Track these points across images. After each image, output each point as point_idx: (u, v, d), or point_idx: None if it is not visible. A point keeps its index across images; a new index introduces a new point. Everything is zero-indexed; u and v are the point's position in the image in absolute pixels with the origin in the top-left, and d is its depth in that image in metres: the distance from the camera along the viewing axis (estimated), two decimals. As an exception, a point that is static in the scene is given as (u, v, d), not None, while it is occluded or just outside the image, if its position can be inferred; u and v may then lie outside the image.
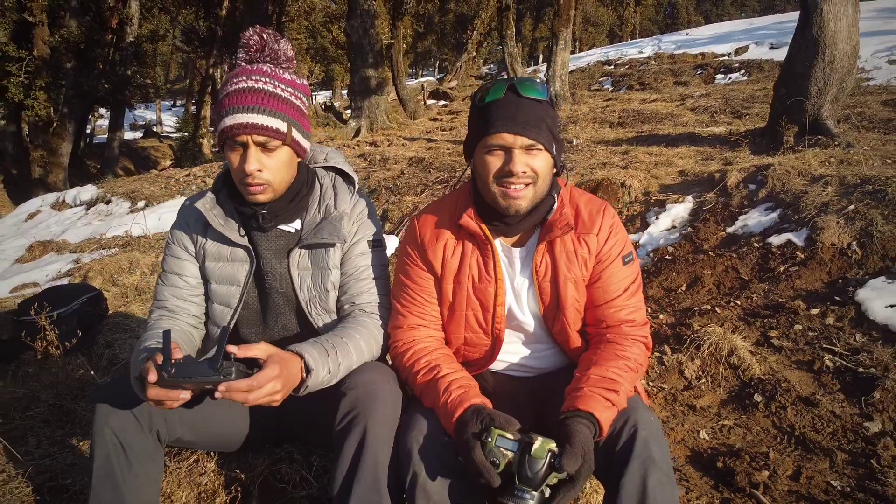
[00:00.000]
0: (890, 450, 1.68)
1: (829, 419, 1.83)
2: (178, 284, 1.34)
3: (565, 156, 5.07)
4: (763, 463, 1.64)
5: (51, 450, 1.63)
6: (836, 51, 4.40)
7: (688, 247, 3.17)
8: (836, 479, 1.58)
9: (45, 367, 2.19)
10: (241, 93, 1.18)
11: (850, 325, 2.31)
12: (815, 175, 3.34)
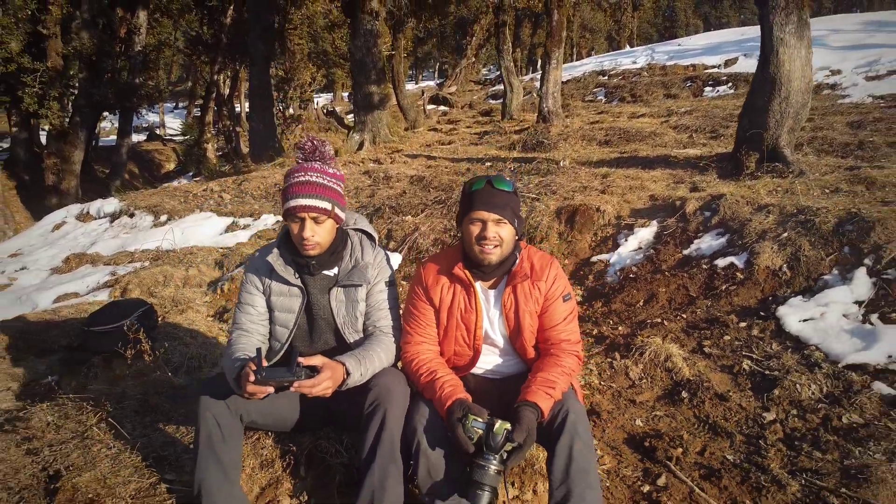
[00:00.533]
0: (777, 433, 2.23)
1: (736, 410, 2.37)
2: (251, 312, 1.88)
3: (552, 176, 5.61)
4: (679, 443, 2.18)
5: (144, 431, 2.17)
6: (791, 88, 4.95)
7: (649, 267, 3.71)
8: (731, 454, 2.12)
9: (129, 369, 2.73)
10: (301, 184, 1.73)
11: (770, 335, 2.86)
12: (761, 204, 3.88)
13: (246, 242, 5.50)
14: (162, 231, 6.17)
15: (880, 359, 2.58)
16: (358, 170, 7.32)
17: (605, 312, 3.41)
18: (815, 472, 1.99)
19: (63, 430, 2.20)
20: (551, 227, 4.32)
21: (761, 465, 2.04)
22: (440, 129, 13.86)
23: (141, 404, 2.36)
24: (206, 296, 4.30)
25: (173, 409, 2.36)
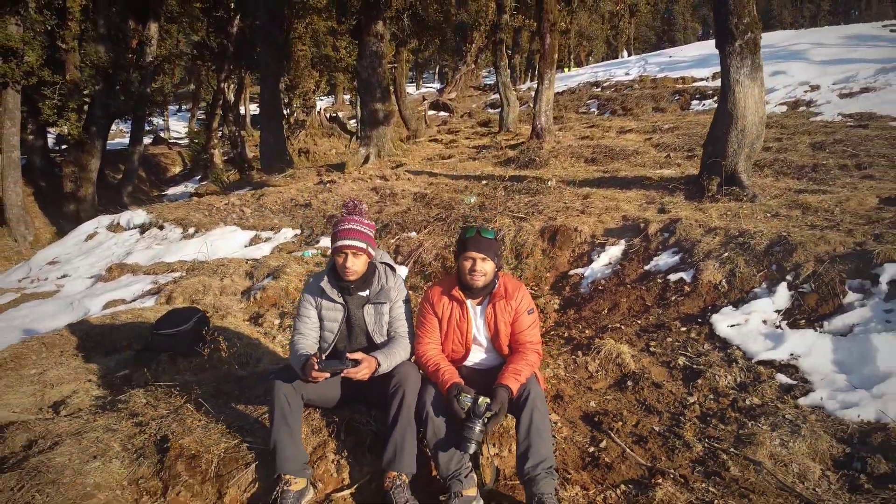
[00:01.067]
0: (695, 412, 2.96)
1: (667, 395, 3.10)
2: (307, 322, 2.61)
3: (540, 196, 6.33)
4: (620, 418, 2.92)
5: (221, 409, 2.89)
6: (747, 121, 5.68)
7: (615, 280, 4.45)
8: (657, 426, 2.85)
9: (190, 364, 3.46)
10: (347, 230, 2.46)
11: (703, 338, 3.59)
12: (711, 227, 4.61)
13: (269, 255, 6.23)
14: (192, 243, 6.91)
15: (784, 356, 3.32)
16: (366, 186, 8.06)
17: (576, 318, 4.15)
18: (717, 439, 2.72)
19: (159, 409, 2.93)
20: (536, 245, 5.06)
21: (678, 433, 2.78)
22: (440, 139, 14.59)
23: (214, 390, 3.09)
24: (241, 303, 5.03)
25: (241, 393, 3.09)
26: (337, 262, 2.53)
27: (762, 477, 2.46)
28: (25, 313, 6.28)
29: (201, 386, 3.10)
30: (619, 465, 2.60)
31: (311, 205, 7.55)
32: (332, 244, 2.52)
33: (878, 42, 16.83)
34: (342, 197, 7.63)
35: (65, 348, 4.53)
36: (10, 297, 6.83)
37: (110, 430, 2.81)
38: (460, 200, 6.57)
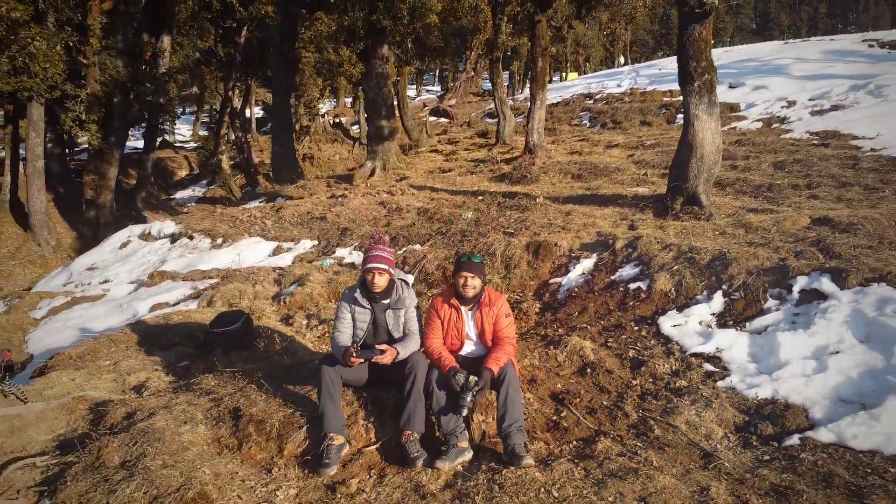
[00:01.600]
0: (636, 391, 3.86)
1: (617, 379, 4.01)
2: (344, 322, 3.51)
3: (528, 212, 7.23)
4: (578, 396, 3.82)
5: (276, 389, 3.80)
6: (705, 150, 6.59)
7: (586, 288, 5.36)
8: (606, 402, 3.76)
9: (251, 355, 4.37)
10: (375, 256, 3.37)
11: (651, 335, 4.50)
12: (667, 243, 5.52)
13: (292, 264, 7.15)
14: (222, 252, 7.82)
15: (711, 349, 4.23)
16: (374, 200, 8.98)
17: (552, 320, 5.06)
18: (649, 410, 3.63)
19: (227, 388, 3.85)
20: (522, 258, 5.97)
21: (621, 406, 3.69)
22: (441, 150, 15.50)
23: (267, 374, 3.99)
24: (273, 306, 5.95)
25: (288, 377, 4.00)
26: (366, 279, 3.44)
27: (677, 436, 3.37)
28: (79, 314, 7.19)
29: (275, 367, 4.02)
30: (574, 428, 3.51)
31: (325, 218, 8.48)
32: (363, 266, 3.44)
33: (855, 58, 17.75)
34: (353, 211, 8.56)
35: (129, 344, 5.44)
36: (61, 301, 7.74)
37: (192, 404, 3.73)
38: (459, 216, 7.48)
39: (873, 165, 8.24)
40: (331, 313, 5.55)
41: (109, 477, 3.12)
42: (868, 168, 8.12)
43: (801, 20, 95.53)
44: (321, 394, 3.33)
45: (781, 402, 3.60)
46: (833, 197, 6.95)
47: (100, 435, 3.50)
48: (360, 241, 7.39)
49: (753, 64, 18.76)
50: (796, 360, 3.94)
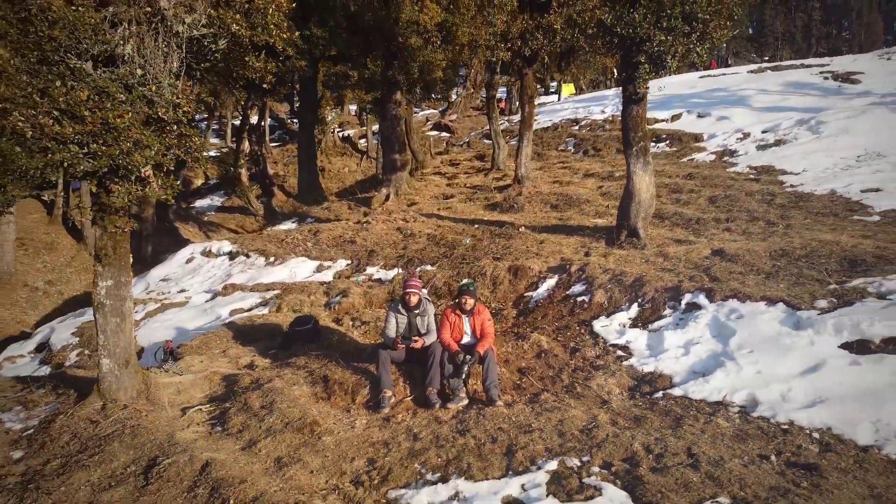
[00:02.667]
0: (570, 367, 6.16)
1: (560, 360, 6.31)
2: (391, 324, 5.81)
3: (512, 240, 9.62)
4: (534, 370, 6.12)
5: (348, 364, 6.08)
6: (641, 197, 8.88)
7: (548, 300, 7.65)
8: (551, 373, 6.06)
9: (320, 346, 6.68)
10: (411, 284, 5.70)
11: (586, 332, 6.79)
12: (606, 268, 7.81)
13: (333, 280, 9.44)
14: (276, 269, 10.11)
15: (623, 342, 6.52)
16: (392, 227, 11.28)
17: (522, 322, 7.35)
18: (576, 378, 5.92)
19: (315, 364, 6.15)
20: (505, 278, 8.27)
21: (560, 377, 5.98)
22: (443, 172, 17.79)
23: (339, 356, 6.29)
24: (326, 312, 8.24)
25: (353, 358, 6.29)
26: (405, 298, 5.74)
27: (590, 392, 5.66)
28: (171, 317, 9.49)
29: (340, 353, 6.32)
30: (529, 388, 5.82)
31: (355, 241, 10.79)
32: (403, 290, 5.74)
33: (809, 90, 20.02)
34: (377, 236, 10.87)
35: (228, 338, 7.74)
36: (153, 306, 10.03)
37: (295, 374, 6.04)
38: (460, 241, 9.78)
39: (784, 201, 10.54)
40: (369, 317, 7.86)
41: (256, 413, 5.43)
42: (779, 203, 10.42)
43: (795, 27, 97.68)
44: (379, 366, 5.64)
45: (658, 373, 5.90)
46: (741, 230, 9.25)
47: (242, 391, 5.81)
48: (384, 262, 9.71)
49: (722, 94, 21.06)
50: (673, 348, 6.23)
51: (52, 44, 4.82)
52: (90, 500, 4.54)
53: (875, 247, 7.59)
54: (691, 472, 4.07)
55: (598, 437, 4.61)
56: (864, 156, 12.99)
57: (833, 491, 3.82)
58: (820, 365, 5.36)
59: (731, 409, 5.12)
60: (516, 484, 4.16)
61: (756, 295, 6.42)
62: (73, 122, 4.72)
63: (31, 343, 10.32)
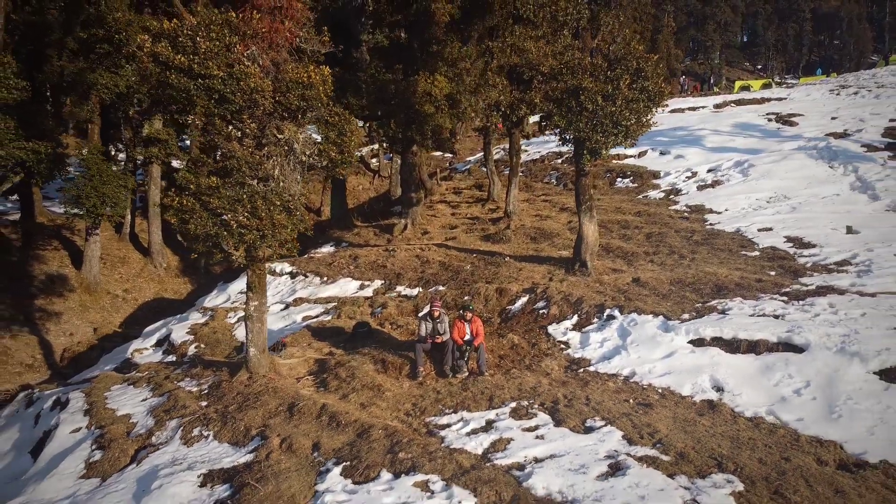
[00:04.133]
0: (530, 354, 10.06)
1: (525, 350, 10.21)
2: (423, 327, 9.70)
3: (500, 267, 13.66)
4: (510, 356, 10.03)
5: (397, 353, 9.97)
6: (588, 240, 12.76)
7: (521, 312, 11.55)
8: (518, 358, 9.96)
9: (374, 342, 10.62)
10: (435, 305, 9.62)
11: (543, 333, 10.70)
12: (561, 290, 11.70)
13: (372, 296, 13.32)
14: (329, 286, 14.00)
15: (566, 339, 10.43)
16: (412, 254, 15.17)
17: (504, 327, 11.22)
18: (533, 361, 9.83)
19: (375, 352, 10.08)
20: (493, 296, 12.15)
21: (523, 359, 9.87)
22: (448, 200, 21.67)
23: (389, 349, 10.18)
24: (372, 319, 12.13)
25: (397, 349, 10.19)
26: (431, 312, 9.65)
27: (540, 369, 9.56)
28: (258, 321, 13.35)
29: (387, 346, 10.24)
30: (504, 366, 9.72)
31: (386, 266, 14.66)
32: (429, 307, 9.65)
33: (753, 131, 23.86)
34: (401, 262, 14.75)
35: (308, 336, 11.64)
36: (241, 314, 13.89)
37: (362, 358, 9.96)
38: (463, 268, 13.66)
39: (699, 238, 14.41)
40: (402, 322, 11.74)
41: (344, 379, 9.37)
42: (695, 240, 14.30)
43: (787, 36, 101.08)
44: (415, 353, 9.55)
45: (582, 358, 9.79)
46: (659, 262, 13.12)
47: (332, 368, 9.74)
48: (408, 283, 13.57)
49: (682, 133, 24.92)
50: (594, 343, 10.12)
51: (238, 173, 8.74)
52: (263, 423, 8.42)
53: (740, 277, 11.51)
54: (585, 406, 7.97)
55: (539, 391, 8.52)
56: (773, 198, 16.89)
57: (655, 414, 7.70)
58: (673, 353, 9.27)
59: (619, 378, 9.01)
60: (493, 413, 8.06)
61: (648, 310, 10.32)
62: (254, 218, 8.62)
63: (150, 340, 14.20)
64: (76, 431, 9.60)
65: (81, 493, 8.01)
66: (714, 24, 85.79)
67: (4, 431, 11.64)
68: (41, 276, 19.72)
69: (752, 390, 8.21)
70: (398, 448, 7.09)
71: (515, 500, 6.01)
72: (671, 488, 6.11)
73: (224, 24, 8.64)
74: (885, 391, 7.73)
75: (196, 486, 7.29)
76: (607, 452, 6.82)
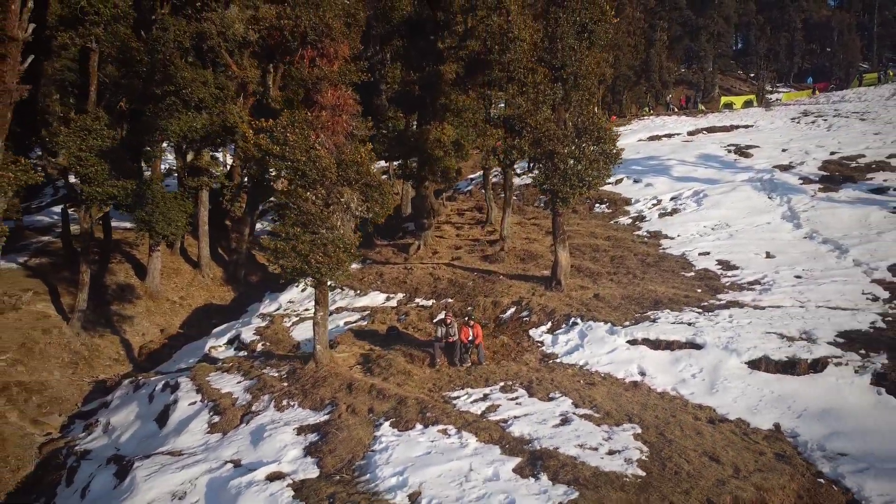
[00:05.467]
0: (515, 350, 14.06)
1: (513, 348, 14.21)
2: (439, 330, 13.69)
3: (495, 284, 17.80)
4: (500, 352, 14.03)
5: (420, 348, 13.94)
6: (561, 263, 16.74)
7: (510, 319, 15.53)
8: (507, 353, 13.96)
9: (407, 340, 14.64)
10: (448, 315, 13.62)
11: (525, 336, 14.69)
12: (540, 303, 15.68)
13: (396, 305, 17.31)
14: (362, 298, 18.00)
15: (542, 340, 14.42)
16: (426, 272, 19.15)
17: (497, 330, 15.18)
18: (517, 354, 13.82)
19: (404, 348, 14.10)
20: (489, 306, 16.12)
21: (511, 353, 13.87)
22: (453, 222, 25.67)
23: (415, 346, 14.16)
24: (399, 323, 16.12)
25: (420, 346, 14.18)
26: (444, 320, 13.64)
27: (521, 360, 13.56)
28: (308, 326, 17.36)
29: (412, 345, 14.24)
30: (496, 358, 13.72)
31: (406, 282, 18.62)
32: (445, 316, 13.62)
33: (713, 162, 27.79)
34: (418, 279, 18.70)
35: (351, 337, 15.64)
36: (294, 319, 17.88)
37: (395, 353, 13.98)
38: (465, 284, 17.64)
39: (651, 261, 18.39)
40: (422, 327, 15.71)
41: (384, 367, 13.39)
42: (647, 263, 18.27)
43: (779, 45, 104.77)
44: (434, 349, 13.57)
45: (552, 353, 13.78)
46: (616, 281, 17.09)
47: (374, 359, 13.77)
48: (425, 295, 17.51)
49: (654, 162, 28.89)
50: (561, 343, 14.09)
51: (313, 225, 12.73)
52: (332, 396, 12.38)
53: (673, 294, 15.51)
54: (550, 385, 11.96)
55: (520, 375, 12.51)
56: (717, 226, 20.86)
57: (595, 389, 11.69)
58: (615, 349, 13.27)
59: (576, 366, 13.00)
60: (488, 389, 12.06)
61: (601, 318, 14.31)
62: (326, 257, 12.59)
63: (222, 339, 18.17)
64: (193, 404, 13.58)
65: (211, 443, 11.99)
66: (707, 35, 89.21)
67: (124, 407, 15.63)
68: (113, 286, 23.69)
69: (664, 374, 12.18)
70: (426, 410, 11.06)
71: (501, 438, 9.98)
72: (597, 431, 10.07)
73: (304, 121, 12.62)
74: (749, 374, 11.71)
75: (294, 434, 11.26)
76: (561, 412, 10.79)
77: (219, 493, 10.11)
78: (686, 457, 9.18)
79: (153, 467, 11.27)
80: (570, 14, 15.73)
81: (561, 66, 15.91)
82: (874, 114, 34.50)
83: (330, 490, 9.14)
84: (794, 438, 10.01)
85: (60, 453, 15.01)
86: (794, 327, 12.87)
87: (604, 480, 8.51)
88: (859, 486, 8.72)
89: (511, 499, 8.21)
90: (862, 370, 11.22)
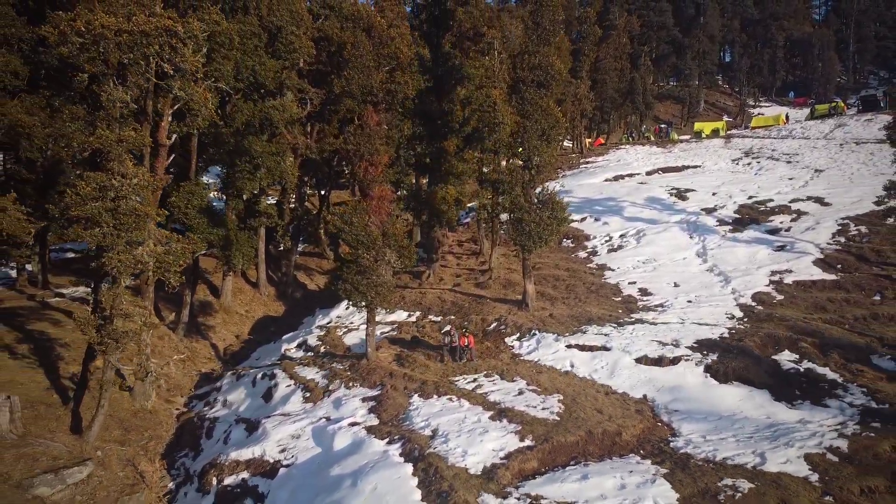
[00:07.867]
0: (494, 353, 21.81)
1: (494, 350, 21.96)
2: (445, 339, 21.40)
3: (484, 305, 25.85)
4: (483, 352, 21.79)
5: (434, 350, 21.67)
6: (529, 293, 24.45)
7: (493, 331, 23.24)
8: (489, 353, 21.71)
9: (427, 344, 22.46)
10: (451, 327, 21.40)
11: (502, 342, 22.43)
12: (513, 320, 23.39)
13: (415, 321, 25.03)
14: (390, 315, 25.73)
15: (513, 346, 22.19)
16: (435, 296, 26.88)
17: (484, 338, 22.83)
18: (495, 354, 21.55)
19: (424, 350, 21.88)
20: (480, 322, 23.82)
21: (492, 352, 21.62)
22: (453, 251, 33.44)
23: (433, 349, 21.88)
24: (418, 333, 23.85)
25: (433, 349, 21.91)
26: (449, 331, 21.36)
27: (499, 359, 21.27)
28: (354, 335, 25.11)
29: (428, 348, 22.00)
30: (483, 357, 21.46)
31: (421, 303, 26.25)
32: (449, 328, 21.36)
33: (656, 205, 35.33)
34: (430, 301, 26.35)
35: (387, 342, 23.38)
36: (344, 331, 25.59)
37: (418, 353, 21.73)
38: (463, 305, 25.34)
39: (595, 288, 26.07)
40: (435, 334, 23.45)
41: (412, 361, 21.24)
42: (591, 290, 25.95)
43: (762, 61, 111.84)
44: (443, 351, 21.32)
45: (519, 353, 21.49)
46: (567, 304, 24.79)
47: (405, 356, 21.58)
48: (435, 313, 25.11)
49: (612, 203, 36.58)
50: (525, 347, 21.81)
51: (368, 272, 20.54)
52: (380, 380, 20.23)
53: (602, 313, 23.30)
54: (513, 373, 19.76)
55: (497, 367, 20.31)
56: (647, 261, 28.55)
57: (542, 375, 19.49)
58: (557, 351, 21.11)
59: (532, 362, 20.80)
60: (476, 376, 19.85)
61: (551, 330, 22.06)
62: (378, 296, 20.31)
63: (292, 343, 25.86)
64: (289, 386, 21.30)
65: (307, 408, 19.75)
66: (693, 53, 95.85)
67: (234, 390, 23.33)
68: (198, 304, 31.38)
69: (585, 366, 19.93)
70: (439, 388, 18.77)
71: (483, 402, 17.72)
72: (538, 398, 17.83)
73: (363, 209, 20.34)
74: (635, 366, 19.47)
75: (360, 402, 18.97)
76: (518, 388, 18.53)
77: (320, 435, 17.83)
78: (584, 411, 16.92)
79: (275, 422, 18.98)
80: (533, 123, 23.46)
81: (527, 158, 23.66)
82: (800, 156, 42.10)
83: (387, 430, 16.85)
84: (652, 402, 17.74)
85: (193, 420, 22.70)
86: (670, 337, 20.63)
87: (537, 422, 16.23)
88: (679, 426, 16.47)
89: (486, 429, 15.96)
90: (699, 363, 18.99)
